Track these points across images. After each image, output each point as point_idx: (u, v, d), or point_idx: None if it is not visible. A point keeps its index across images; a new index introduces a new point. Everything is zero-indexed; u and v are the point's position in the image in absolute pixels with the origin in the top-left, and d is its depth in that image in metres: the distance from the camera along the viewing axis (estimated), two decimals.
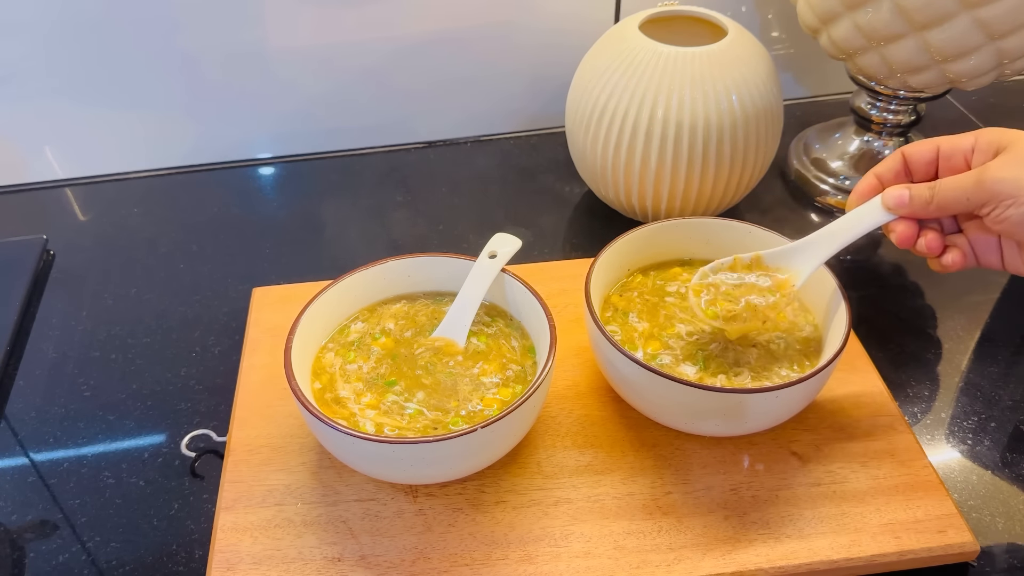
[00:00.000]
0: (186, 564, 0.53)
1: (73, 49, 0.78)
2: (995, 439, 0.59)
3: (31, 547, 0.54)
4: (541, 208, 0.81)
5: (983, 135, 0.49)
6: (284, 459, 0.56)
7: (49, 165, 0.85)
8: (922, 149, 0.51)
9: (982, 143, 0.49)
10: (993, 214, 0.47)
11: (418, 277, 0.61)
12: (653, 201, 0.72)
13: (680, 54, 0.67)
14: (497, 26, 0.84)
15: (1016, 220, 0.46)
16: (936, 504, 0.53)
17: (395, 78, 0.86)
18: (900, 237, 0.52)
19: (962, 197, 0.48)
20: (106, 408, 0.63)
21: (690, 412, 0.53)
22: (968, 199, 0.48)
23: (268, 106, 0.85)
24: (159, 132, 0.85)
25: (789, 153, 0.85)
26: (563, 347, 0.62)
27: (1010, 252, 0.51)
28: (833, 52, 0.73)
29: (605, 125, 0.69)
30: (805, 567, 0.50)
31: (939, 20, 0.64)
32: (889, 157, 0.53)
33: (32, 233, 0.78)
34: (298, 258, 0.76)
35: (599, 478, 0.55)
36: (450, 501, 0.54)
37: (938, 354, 0.65)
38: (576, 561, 0.50)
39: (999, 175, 0.46)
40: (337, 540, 0.52)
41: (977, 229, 0.51)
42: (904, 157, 0.52)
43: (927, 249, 0.51)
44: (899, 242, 0.52)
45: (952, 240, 0.52)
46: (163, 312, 0.70)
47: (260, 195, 0.85)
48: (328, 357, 0.58)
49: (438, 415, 0.54)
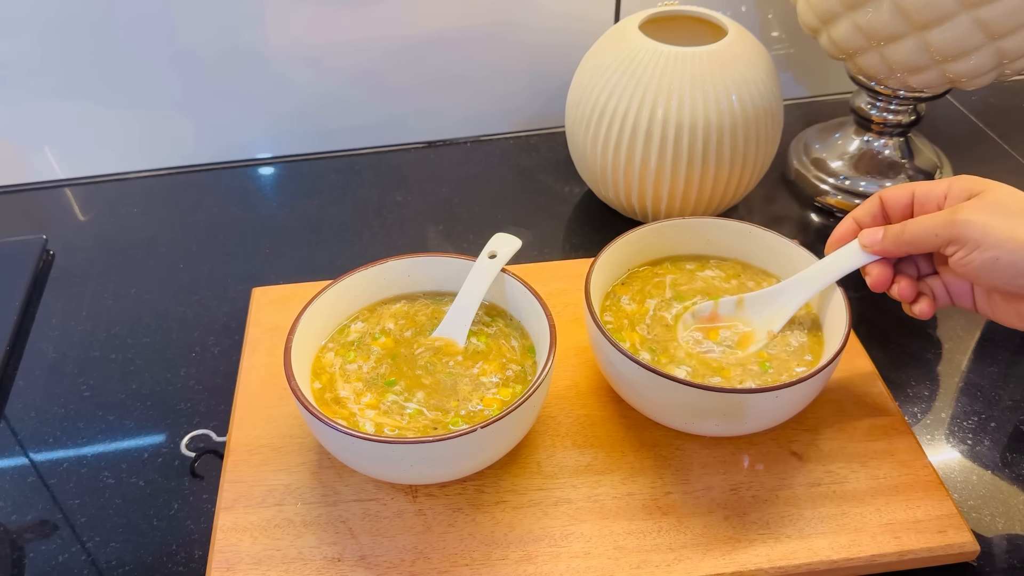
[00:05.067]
0: (186, 564, 0.53)
1: (73, 49, 0.78)
2: (995, 439, 0.59)
3: (31, 547, 0.54)
4: (541, 208, 0.81)
5: (957, 182, 0.50)
6: (284, 459, 0.56)
7: (49, 165, 0.85)
8: (898, 193, 0.53)
9: (956, 189, 0.50)
10: (957, 255, 0.48)
11: (418, 277, 0.61)
12: (653, 201, 0.72)
13: (680, 54, 0.67)
14: (497, 26, 0.84)
15: (978, 265, 0.47)
16: (936, 504, 0.53)
17: (395, 78, 0.86)
18: (875, 280, 0.54)
19: (931, 233, 0.49)
20: (106, 408, 0.63)
21: (690, 412, 0.53)
22: (937, 235, 0.49)
23: (268, 106, 0.85)
24: (159, 132, 0.85)
25: (789, 153, 0.85)
26: (563, 347, 0.62)
27: (980, 297, 0.52)
28: (833, 52, 0.73)
29: (605, 125, 0.69)
30: (805, 567, 0.50)
31: (939, 20, 0.64)
32: (866, 201, 0.55)
33: (32, 233, 0.78)
34: (298, 258, 0.76)
35: (599, 478, 0.55)
36: (450, 501, 0.54)
37: (938, 354, 0.65)
38: (576, 561, 0.50)
39: (968, 217, 0.47)
40: (337, 540, 0.52)
41: (950, 273, 0.53)
42: (881, 201, 0.54)
43: (900, 295, 0.53)
44: (873, 285, 0.54)
45: (928, 283, 0.53)
46: (163, 312, 0.70)
47: (260, 195, 0.85)
48: (328, 357, 0.58)
49: (438, 415, 0.54)
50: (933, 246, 0.50)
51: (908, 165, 0.80)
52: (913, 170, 0.80)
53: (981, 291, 0.52)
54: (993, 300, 0.51)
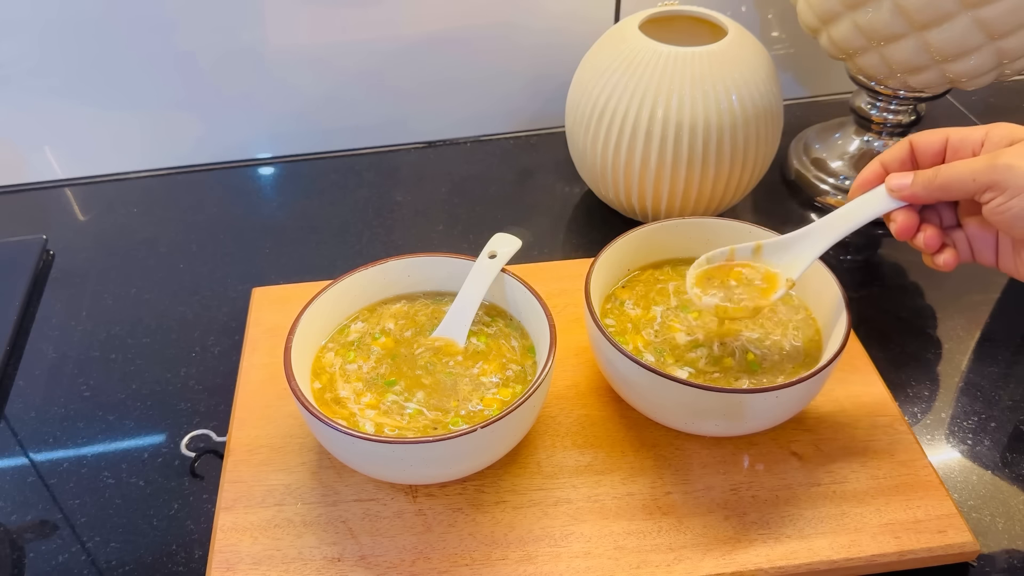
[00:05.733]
0: (186, 564, 0.53)
1: (73, 49, 0.78)
2: (995, 439, 0.59)
3: (31, 547, 0.54)
4: (541, 208, 0.81)
5: (995, 129, 0.48)
6: (284, 459, 0.56)
7: (49, 165, 0.85)
8: (931, 139, 0.50)
9: (994, 136, 0.48)
10: (994, 202, 0.46)
11: (418, 277, 0.61)
12: (653, 201, 0.72)
13: (680, 54, 0.67)
14: (497, 26, 0.84)
15: (1016, 212, 0.45)
16: (936, 504, 0.53)
17: (395, 78, 0.86)
18: (900, 227, 0.51)
19: (968, 177, 0.47)
20: (106, 408, 0.63)
21: (690, 412, 0.53)
22: (975, 179, 0.47)
23: (268, 106, 0.85)
24: (159, 132, 0.85)
25: (789, 153, 0.85)
26: (563, 347, 0.62)
27: (1005, 251, 0.50)
28: (833, 52, 0.73)
29: (605, 125, 0.69)
30: (805, 567, 0.50)
31: (939, 20, 0.64)
32: (896, 145, 0.52)
33: (32, 233, 0.78)
34: (298, 258, 0.76)
35: (599, 478, 0.55)
36: (450, 501, 0.54)
37: (938, 354, 0.65)
38: (576, 561, 0.50)
39: (1012, 162, 0.45)
40: (337, 540, 0.52)
41: (977, 225, 0.50)
42: (912, 146, 0.51)
43: (925, 245, 0.51)
44: (898, 232, 0.51)
45: (950, 236, 0.51)
46: (163, 312, 0.70)
47: (260, 195, 0.85)
48: (328, 357, 0.58)
49: (438, 415, 0.54)
50: (968, 192, 0.47)
51: None
52: None
53: (1007, 245, 0.50)
54: (1020, 254, 0.49)
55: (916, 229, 0.51)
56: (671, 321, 0.59)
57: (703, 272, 0.57)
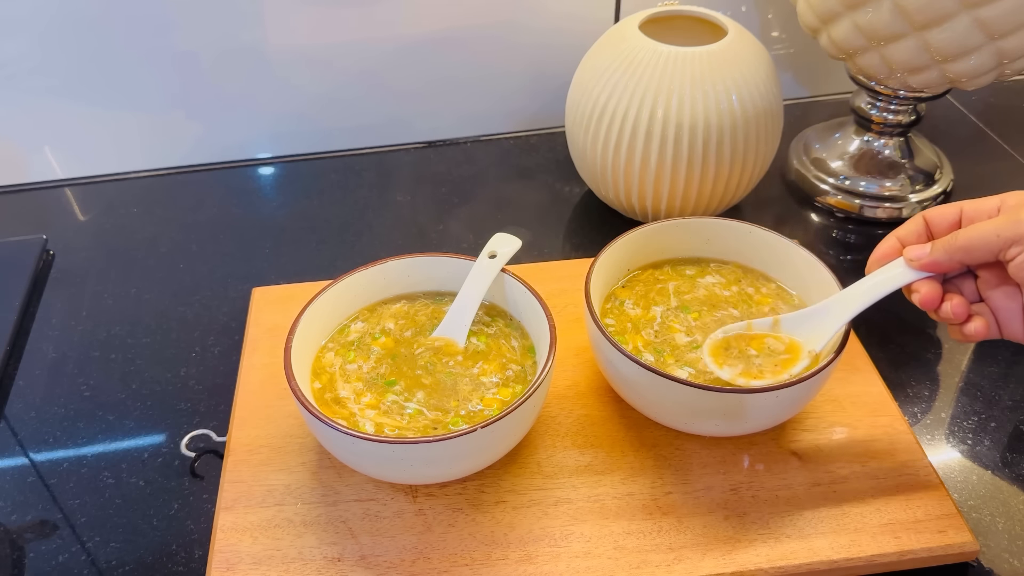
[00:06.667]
0: (186, 564, 0.53)
1: (73, 49, 0.78)
2: (995, 439, 0.59)
3: (31, 547, 0.54)
4: (541, 208, 0.81)
5: (1010, 197, 0.48)
6: (284, 459, 0.56)
7: (49, 165, 0.85)
8: (945, 212, 0.50)
9: (1010, 201, 0.47)
10: (1021, 257, 0.45)
11: (418, 277, 0.61)
12: (653, 201, 0.72)
13: (680, 54, 0.67)
14: (497, 26, 0.84)
15: None
16: (936, 504, 0.53)
17: (395, 78, 0.86)
18: (924, 297, 0.49)
19: (991, 234, 0.46)
20: (106, 408, 0.63)
21: (690, 412, 0.53)
22: (999, 235, 0.46)
23: (267, 106, 0.85)
24: (159, 132, 0.85)
25: (789, 153, 0.85)
26: (563, 347, 0.62)
27: None
28: (833, 52, 0.73)
29: (605, 125, 0.69)
30: (805, 567, 0.50)
31: (939, 20, 0.64)
32: (910, 220, 0.51)
33: (32, 233, 0.78)
34: (298, 258, 0.76)
35: (599, 478, 0.55)
36: (450, 501, 0.54)
37: (938, 354, 0.65)
38: (576, 561, 0.50)
39: None
40: (337, 540, 0.52)
41: (1002, 295, 0.49)
42: (926, 220, 0.50)
43: (953, 314, 0.49)
44: (922, 301, 0.49)
45: (975, 309, 0.49)
46: (163, 312, 0.70)
47: (260, 195, 0.85)
48: (328, 357, 0.58)
49: (438, 415, 0.54)
50: (992, 250, 0.46)
51: (908, 165, 0.80)
52: (913, 170, 0.80)
53: None
54: None
55: (940, 299, 0.50)
56: (671, 321, 0.59)
57: (721, 341, 0.55)
